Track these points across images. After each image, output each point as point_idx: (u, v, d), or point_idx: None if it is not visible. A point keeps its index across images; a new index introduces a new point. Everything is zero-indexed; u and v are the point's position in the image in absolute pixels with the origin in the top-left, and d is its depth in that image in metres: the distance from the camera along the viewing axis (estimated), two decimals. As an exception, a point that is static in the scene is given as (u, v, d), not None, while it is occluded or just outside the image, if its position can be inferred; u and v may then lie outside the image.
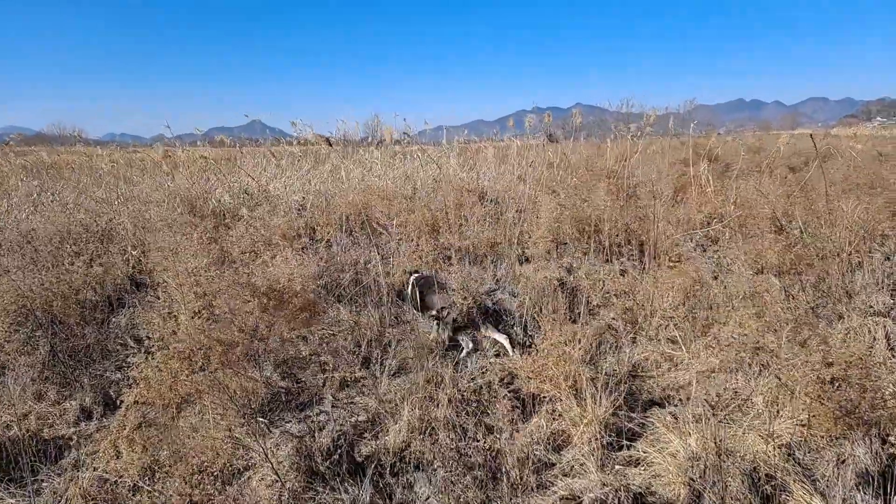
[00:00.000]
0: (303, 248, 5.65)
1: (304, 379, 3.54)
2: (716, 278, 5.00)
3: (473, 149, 11.47)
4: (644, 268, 5.61)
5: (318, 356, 3.58)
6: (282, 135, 12.84)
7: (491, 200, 7.93)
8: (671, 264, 5.49)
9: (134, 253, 5.22)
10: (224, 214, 7.16)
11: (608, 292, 5.02)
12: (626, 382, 3.47)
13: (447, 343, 4.27)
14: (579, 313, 4.39)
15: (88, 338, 3.87)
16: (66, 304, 3.82)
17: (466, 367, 3.96)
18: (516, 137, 12.16)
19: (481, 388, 3.49)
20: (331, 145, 10.24)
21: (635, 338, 4.37)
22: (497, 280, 5.38)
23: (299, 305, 3.22)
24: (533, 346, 3.76)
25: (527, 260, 6.12)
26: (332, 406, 3.30)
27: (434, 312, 4.58)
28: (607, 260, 5.78)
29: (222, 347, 2.75)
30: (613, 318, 4.60)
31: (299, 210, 7.68)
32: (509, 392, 3.43)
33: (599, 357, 3.94)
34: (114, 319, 4.37)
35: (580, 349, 3.30)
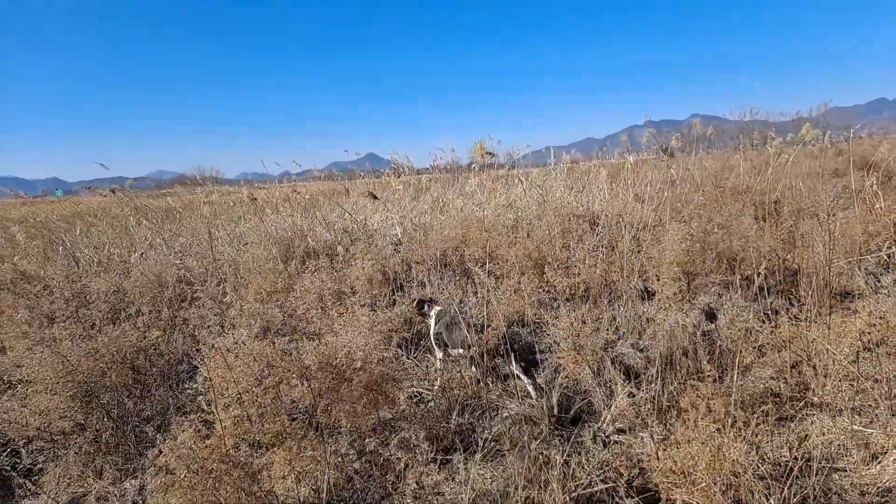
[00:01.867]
0: (388, 298, 5.16)
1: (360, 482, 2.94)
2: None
3: (583, 168, 10.56)
4: (804, 307, 4.47)
5: (380, 454, 2.95)
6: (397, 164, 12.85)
7: (604, 226, 7.04)
8: (840, 302, 4.33)
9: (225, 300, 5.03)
10: (318, 254, 6.94)
11: (762, 344, 4.00)
12: (806, 477, 2.52)
13: (554, 414, 3.53)
14: (722, 371, 3.46)
15: (149, 409, 3.60)
16: (122, 372, 3.56)
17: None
18: (629, 154, 11.16)
19: (600, 499, 2.68)
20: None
21: (804, 407, 3.33)
22: (615, 328, 4.51)
23: (364, 383, 2.64)
24: (667, 422, 2.91)
25: (650, 296, 5.18)
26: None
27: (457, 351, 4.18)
28: (754, 298, 4.68)
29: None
30: (773, 378, 3.58)
31: (396, 245, 7.30)
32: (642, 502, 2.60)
33: (760, 437, 2.97)
34: (189, 385, 4.10)
35: (741, 439, 2.40)
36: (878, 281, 5.23)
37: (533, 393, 3.81)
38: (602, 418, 3.37)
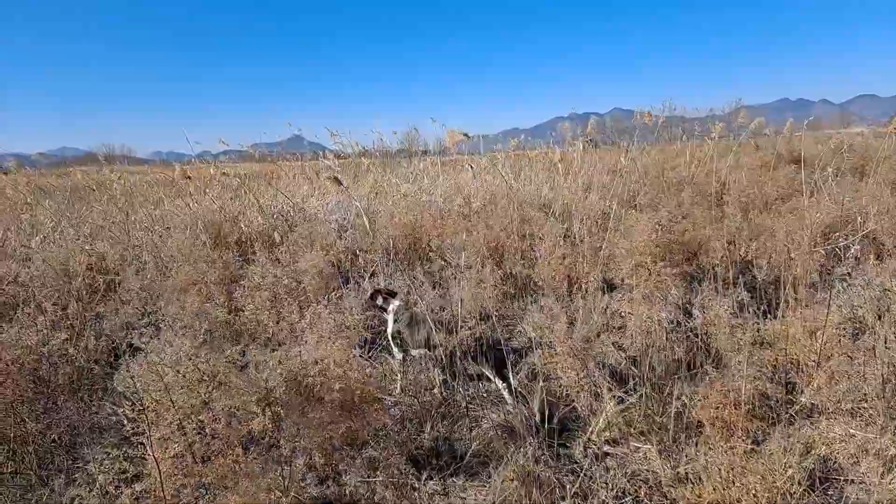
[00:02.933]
0: (337, 291, 4.64)
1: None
2: (880, 318, 3.76)
3: (532, 156, 10.35)
4: (772, 302, 4.40)
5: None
6: (322, 148, 12.03)
7: (557, 216, 6.80)
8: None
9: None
10: (252, 241, 6.27)
11: (740, 340, 3.86)
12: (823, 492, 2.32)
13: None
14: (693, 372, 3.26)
15: (55, 429, 2.93)
16: (20, 384, 2.87)
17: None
18: (556, 145, 11.11)
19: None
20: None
21: (799, 411, 3.18)
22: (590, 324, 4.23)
23: (340, 403, 2.14)
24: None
25: (611, 288, 4.97)
26: None
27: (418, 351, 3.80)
28: (723, 292, 4.56)
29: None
30: (756, 379, 3.42)
31: (339, 232, 6.74)
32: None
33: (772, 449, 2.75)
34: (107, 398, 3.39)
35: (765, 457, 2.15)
36: (829, 274, 5.26)
37: (508, 398, 3.45)
38: (591, 428, 3.07)
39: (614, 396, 3.17)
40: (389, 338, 3.94)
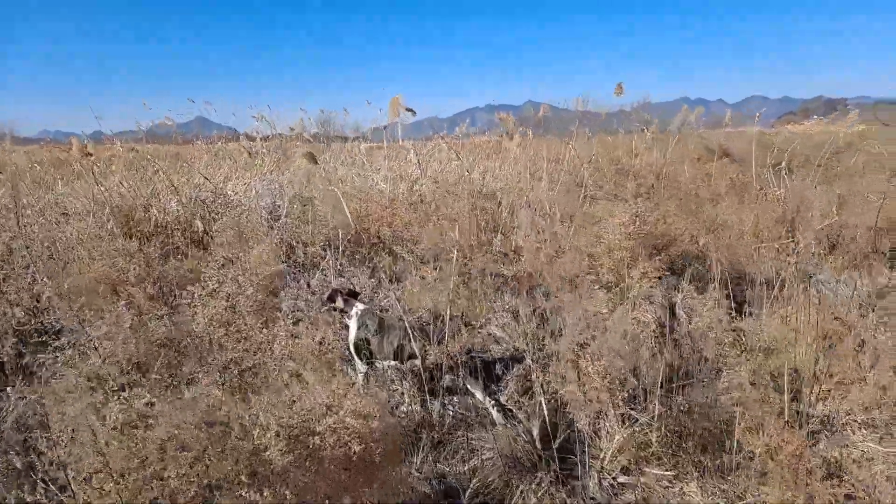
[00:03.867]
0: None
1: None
2: (864, 316, 3.63)
3: (474, 143, 9.90)
4: (742, 299, 4.24)
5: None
6: (232, 131, 10.92)
7: (505, 206, 6.41)
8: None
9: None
10: (171, 229, 5.36)
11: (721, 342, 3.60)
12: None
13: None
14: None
15: None
16: None
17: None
18: (474, 135, 10.84)
19: None
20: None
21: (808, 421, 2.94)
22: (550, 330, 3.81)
23: (343, 457, 1.51)
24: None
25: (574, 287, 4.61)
26: None
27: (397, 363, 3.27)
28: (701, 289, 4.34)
29: None
30: (752, 384, 3.17)
31: (271, 221, 5.95)
32: None
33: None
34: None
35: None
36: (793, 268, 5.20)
37: (498, 418, 3.00)
38: (602, 455, 2.65)
39: (625, 416, 2.78)
40: (351, 347, 3.33)
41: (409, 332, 3.05)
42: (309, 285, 4.22)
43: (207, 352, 2.13)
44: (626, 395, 2.71)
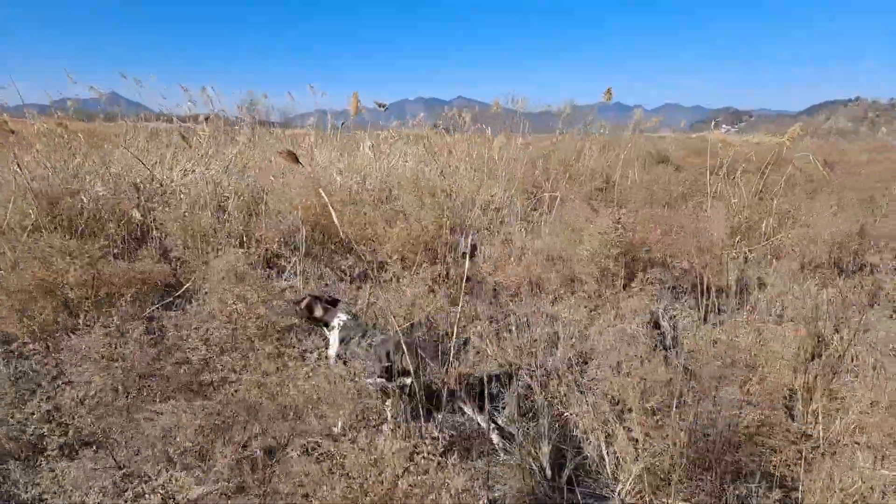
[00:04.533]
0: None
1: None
2: (837, 331, 3.71)
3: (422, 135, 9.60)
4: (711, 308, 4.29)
5: None
6: (145, 109, 9.93)
7: (463, 205, 6.25)
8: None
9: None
10: (100, 219, 4.79)
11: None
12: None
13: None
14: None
15: None
16: None
17: None
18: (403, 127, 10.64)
19: None
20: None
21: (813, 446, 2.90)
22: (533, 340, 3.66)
23: None
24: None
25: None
26: None
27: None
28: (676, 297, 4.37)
29: None
30: (746, 401, 3.17)
31: (218, 213, 5.47)
32: None
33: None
34: None
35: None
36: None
37: (497, 441, 2.83)
38: (620, 488, 2.52)
39: (635, 440, 2.65)
40: (332, 363, 3.04)
41: (403, 346, 2.82)
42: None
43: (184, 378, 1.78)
44: (641, 415, 2.60)
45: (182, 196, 5.69)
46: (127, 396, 1.84)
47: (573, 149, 9.98)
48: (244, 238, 5.09)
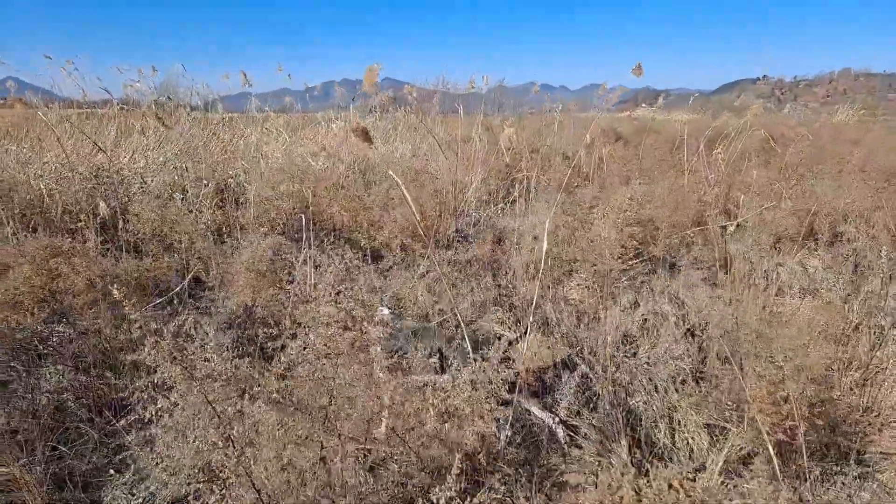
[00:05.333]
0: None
1: None
2: (845, 302, 3.79)
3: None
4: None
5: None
6: (48, 94, 8.88)
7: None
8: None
9: None
10: (75, 212, 4.33)
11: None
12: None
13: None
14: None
15: None
16: None
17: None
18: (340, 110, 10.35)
19: None
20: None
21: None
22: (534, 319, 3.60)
23: None
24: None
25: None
26: None
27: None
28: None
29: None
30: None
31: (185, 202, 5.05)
32: None
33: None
34: None
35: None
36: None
37: (561, 436, 2.58)
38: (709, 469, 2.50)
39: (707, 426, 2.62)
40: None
41: (444, 339, 2.71)
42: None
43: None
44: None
45: (148, 183, 5.24)
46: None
47: (534, 129, 9.98)
48: (222, 228, 4.77)
